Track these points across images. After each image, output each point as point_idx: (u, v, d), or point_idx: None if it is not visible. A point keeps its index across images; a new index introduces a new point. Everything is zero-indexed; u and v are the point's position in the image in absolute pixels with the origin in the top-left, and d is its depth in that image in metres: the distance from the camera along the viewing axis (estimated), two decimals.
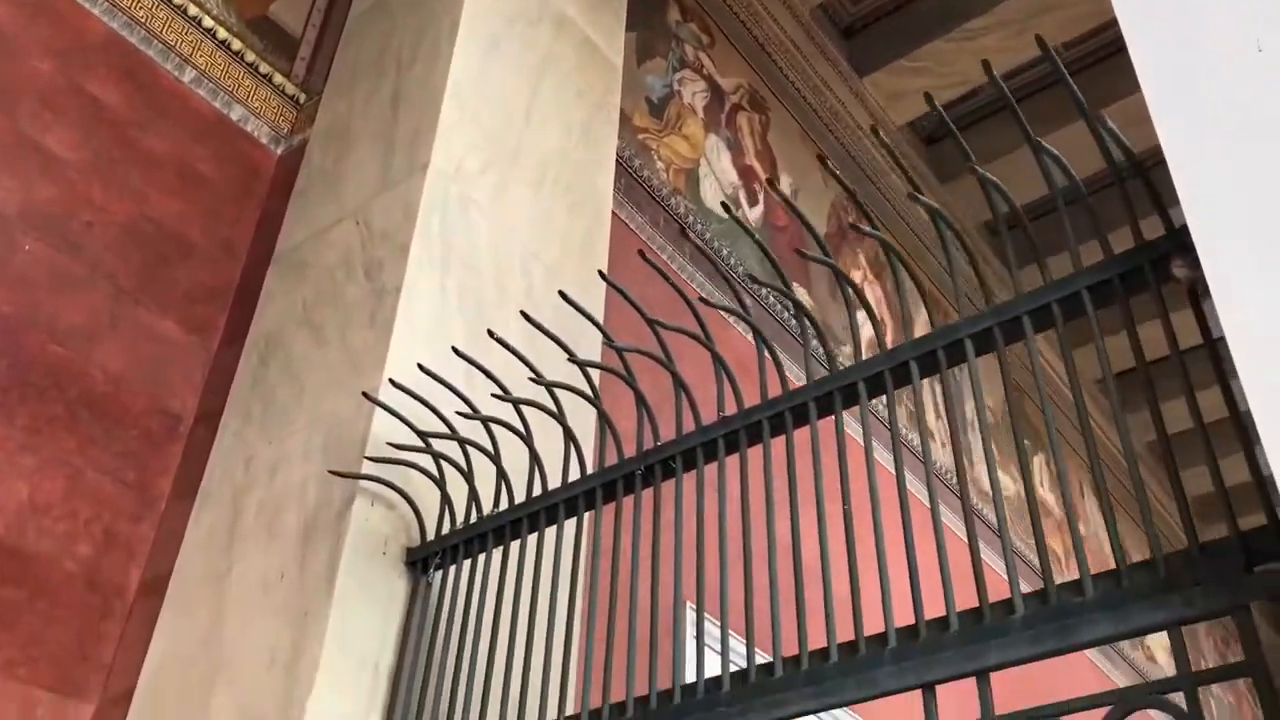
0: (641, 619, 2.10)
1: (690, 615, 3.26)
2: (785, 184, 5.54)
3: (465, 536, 2.52)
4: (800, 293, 5.34)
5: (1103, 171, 1.82)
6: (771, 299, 4.89)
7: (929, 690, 1.65)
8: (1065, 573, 6.68)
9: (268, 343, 3.28)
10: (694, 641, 1.98)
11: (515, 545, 2.44)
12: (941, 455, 6.30)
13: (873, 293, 5.93)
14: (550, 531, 2.42)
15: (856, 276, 5.85)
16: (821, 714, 1.79)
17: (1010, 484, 6.81)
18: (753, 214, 5.08)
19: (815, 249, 2.11)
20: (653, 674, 1.99)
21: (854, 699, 1.71)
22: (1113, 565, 1.55)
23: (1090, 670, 6.51)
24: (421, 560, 2.58)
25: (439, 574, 2.55)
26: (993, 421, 6.78)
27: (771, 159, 5.43)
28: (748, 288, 4.42)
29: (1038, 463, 7.73)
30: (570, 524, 2.39)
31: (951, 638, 1.66)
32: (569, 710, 2.09)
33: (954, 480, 5.90)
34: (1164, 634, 1.51)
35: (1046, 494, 7.40)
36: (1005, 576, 1.66)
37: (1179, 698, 1.43)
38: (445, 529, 2.59)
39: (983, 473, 6.60)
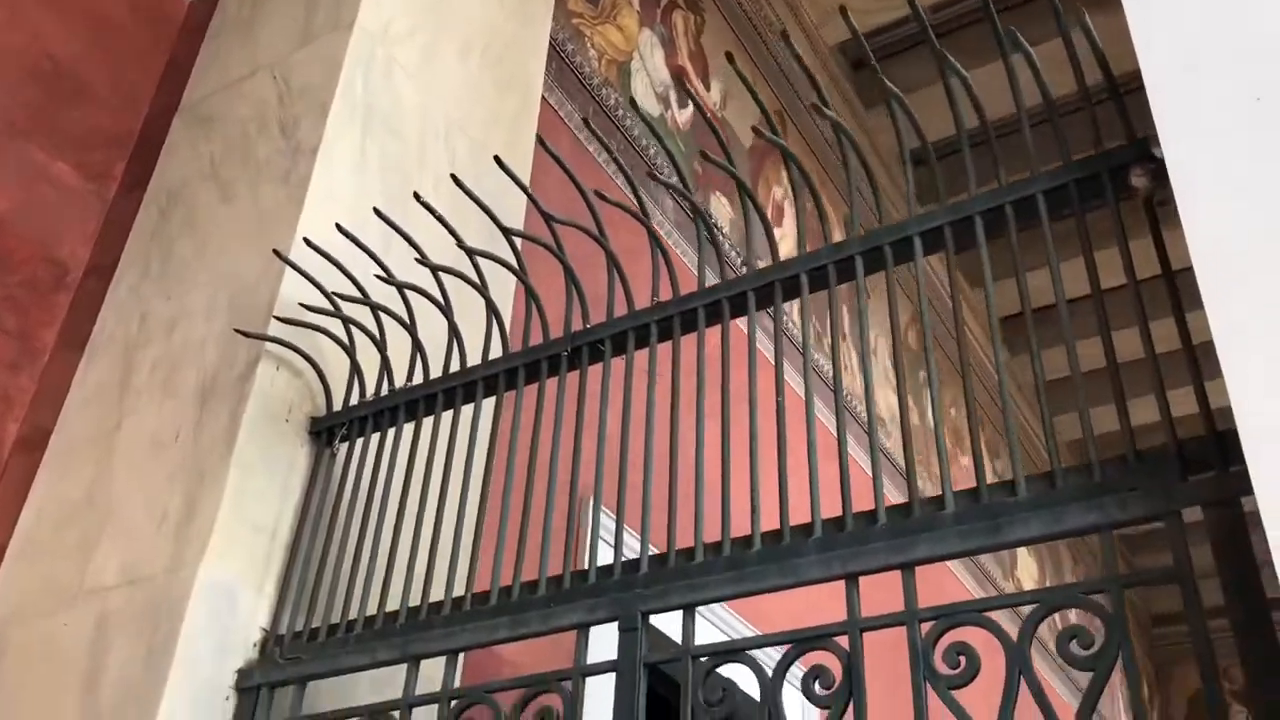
0: (560, 504, 2.05)
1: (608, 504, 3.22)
2: (716, 89, 5.43)
3: (375, 409, 2.42)
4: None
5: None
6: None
7: (852, 581, 1.64)
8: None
9: (170, 196, 3.08)
10: (614, 525, 1.93)
11: (428, 422, 2.35)
12: (883, 355, 6.39)
13: (792, 209, 5.90)
14: (466, 411, 2.34)
15: (778, 192, 5.81)
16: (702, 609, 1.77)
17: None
18: (682, 116, 4.97)
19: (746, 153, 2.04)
20: (567, 556, 1.94)
21: (775, 586, 1.69)
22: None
23: (958, 587, 6.68)
24: (327, 430, 2.48)
25: (345, 446, 2.45)
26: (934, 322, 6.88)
27: (704, 62, 5.31)
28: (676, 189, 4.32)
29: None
30: (489, 404, 2.31)
31: (879, 531, 1.65)
32: (476, 589, 2.03)
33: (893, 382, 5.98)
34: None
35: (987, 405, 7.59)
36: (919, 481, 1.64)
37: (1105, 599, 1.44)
38: (354, 400, 2.49)
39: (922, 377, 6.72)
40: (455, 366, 2.38)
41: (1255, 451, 1.25)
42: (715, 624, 3.98)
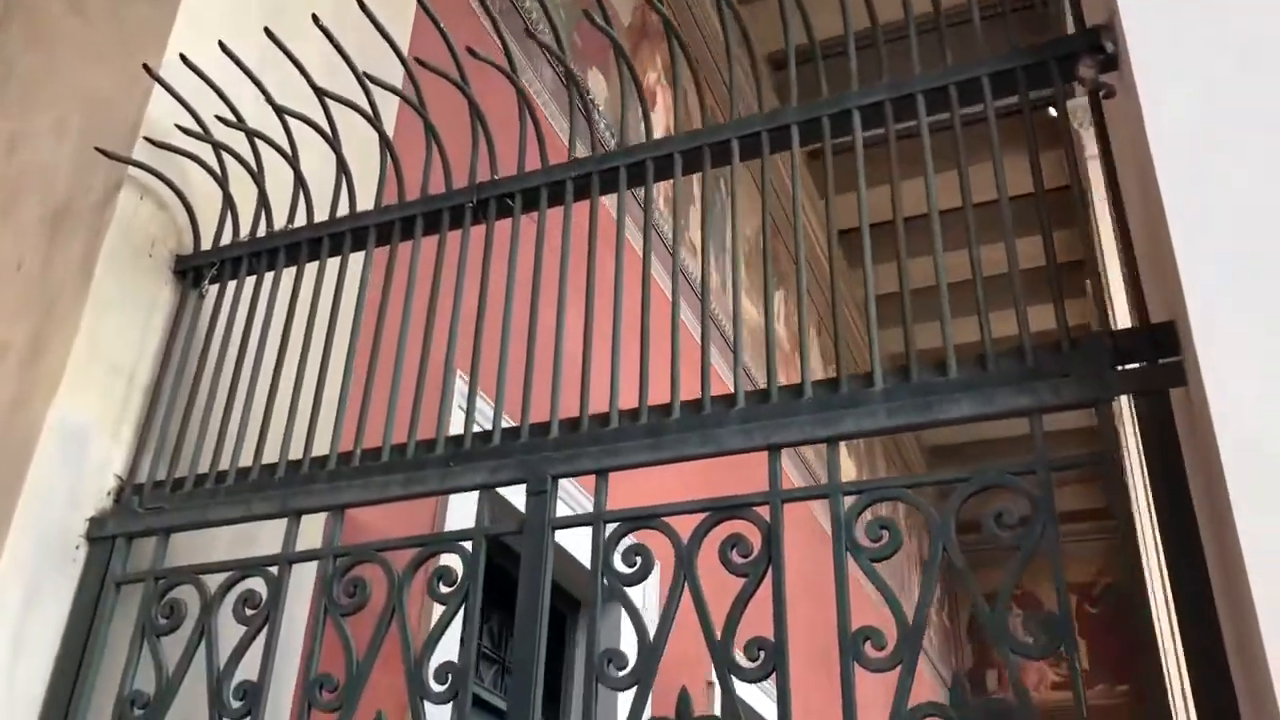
0: (461, 364, 1.95)
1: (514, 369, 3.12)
2: None
3: (251, 250, 2.24)
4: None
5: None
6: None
7: (775, 452, 1.61)
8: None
9: (6, 5, 2.74)
10: (522, 388, 1.85)
11: (312, 269, 2.19)
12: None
13: (666, 98, 5.79)
14: (348, 261, 2.18)
15: (652, 77, 5.68)
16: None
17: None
18: None
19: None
20: (469, 415, 1.85)
21: (696, 454, 1.65)
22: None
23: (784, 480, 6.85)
24: (194, 270, 2.28)
25: (215, 288, 2.26)
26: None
27: None
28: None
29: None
30: (379, 254, 2.16)
31: (805, 404, 1.62)
32: (366, 445, 1.92)
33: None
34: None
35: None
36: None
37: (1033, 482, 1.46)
38: (226, 239, 2.29)
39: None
40: (344, 211, 2.22)
41: (1205, 337, 1.26)
42: (563, 499, 3.91)
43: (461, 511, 3.12)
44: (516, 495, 1.74)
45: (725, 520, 1.60)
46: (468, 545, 1.72)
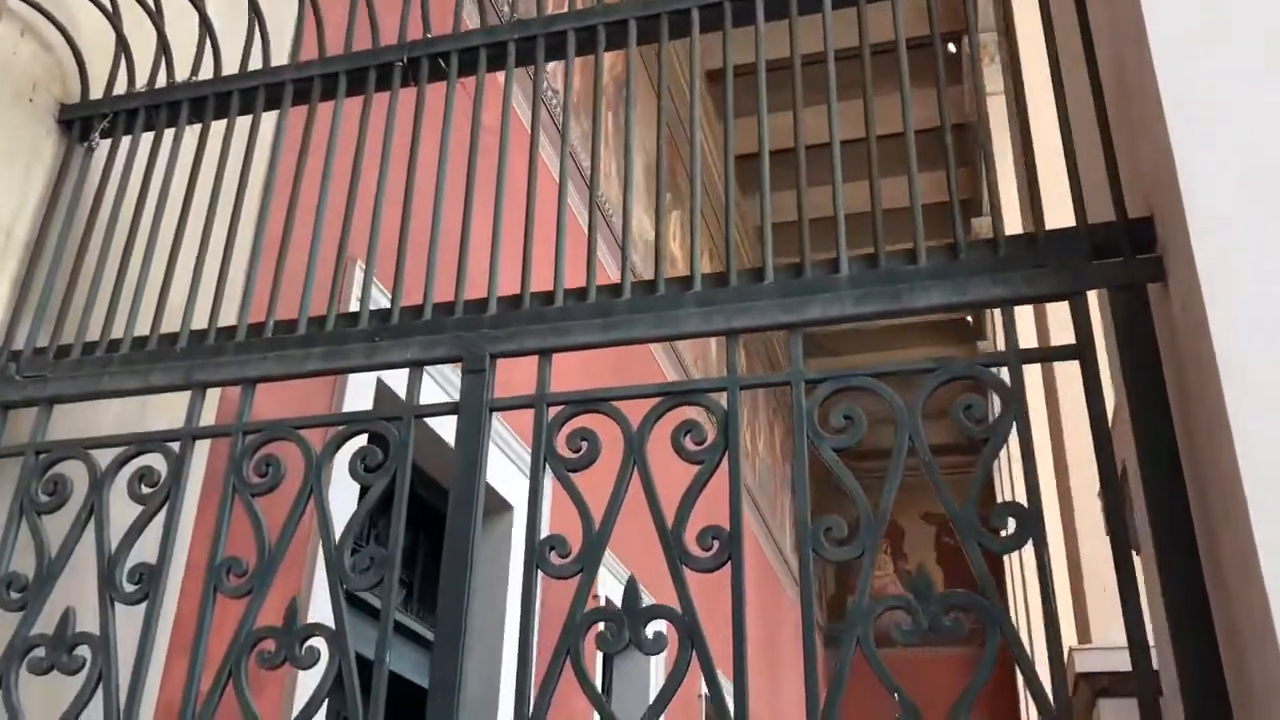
0: (387, 236, 1.80)
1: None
2: None
3: (149, 103, 2.03)
4: None
5: None
6: None
7: (734, 337, 1.53)
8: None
9: None
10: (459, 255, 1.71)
11: (219, 127, 1.99)
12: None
13: None
14: (260, 121, 2.00)
15: None
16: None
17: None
18: None
19: None
20: (397, 288, 1.71)
21: (650, 337, 1.56)
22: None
23: (656, 369, 6.72)
24: (83, 121, 2.05)
25: (106, 142, 2.04)
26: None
27: None
28: None
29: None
30: (296, 114, 1.98)
31: (767, 288, 1.54)
32: (280, 315, 1.76)
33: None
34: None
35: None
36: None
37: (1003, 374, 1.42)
38: (121, 89, 2.07)
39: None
40: (257, 64, 2.02)
41: (1201, 228, 1.22)
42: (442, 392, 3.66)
43: (359, 396, 2.96)
44: (398, 381, 1.61)
45: (677, 407, 1.52)
46: (396, 426, 1.60)
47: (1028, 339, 6.76)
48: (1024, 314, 7.11)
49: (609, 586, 5.48)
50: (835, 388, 1.46)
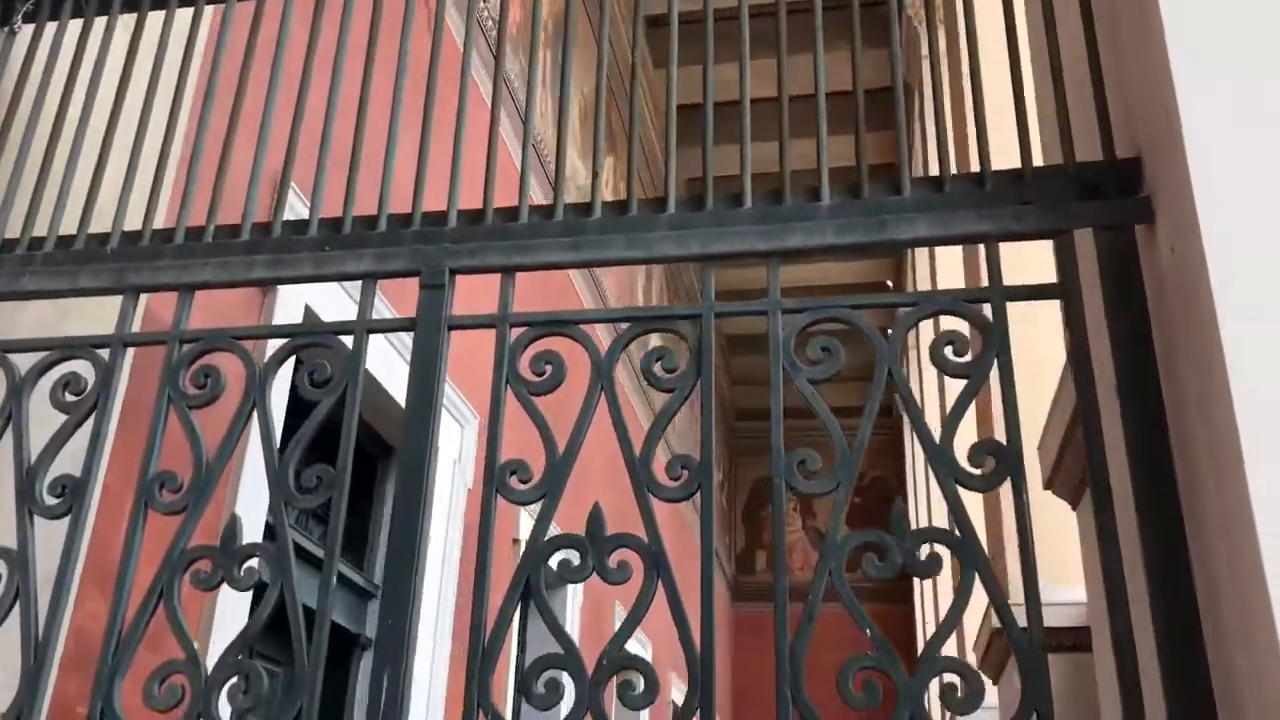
0: (340, 137, 1.69)
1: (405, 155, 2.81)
2: None
3: None
4: None
5: None
6: None
7: (710, 263, 1.47)
8: None
9: None
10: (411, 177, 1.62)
11: (157, 17, 1.86)
12: None
13: None
14: (203, 11, 1.86)
15: None
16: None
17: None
18: None
19: None
20: (349, 194, 1.62)
21: (623, 258, 1.49)
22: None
23: (574, 298, 6.61)
24: (4, 2, 1.90)
25: (30, 27, 1.89)
26: None
27: None
28: None
29: None
30: (243, 10, 1.85)
31: (745, 214, 1.48)
32: (221, 220, 1.65)
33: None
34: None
35: None
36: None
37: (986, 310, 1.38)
38: None
39: None
40: None
41: (1201, 167, 1.20)
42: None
43: (288, 309, 2.82)
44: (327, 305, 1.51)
45: (647, 333, 1.46)
46: (346, 339, 1.51)
47: (954, 279, 6.78)
48: (950, 255, 7.17)
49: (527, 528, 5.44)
50: (814, 318, 1.41)
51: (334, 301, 3.03)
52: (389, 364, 3.77)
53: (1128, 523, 1.24)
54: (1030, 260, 1.82)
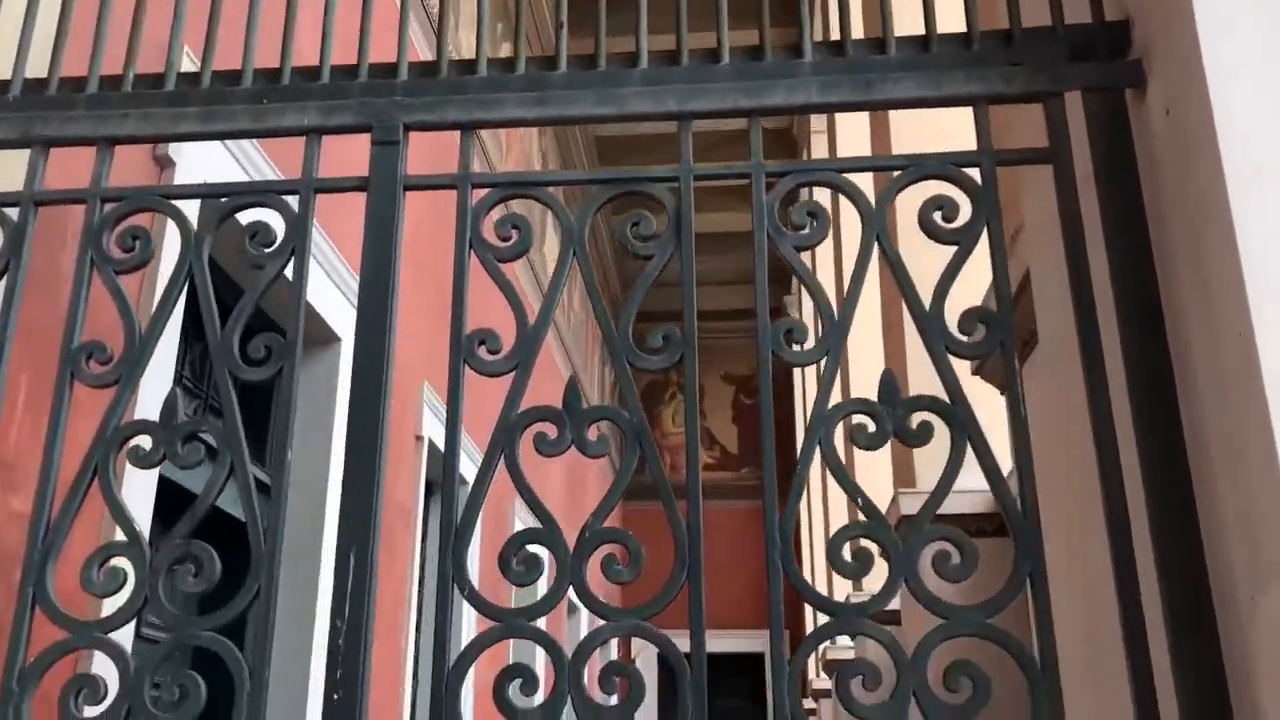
0: None
1: None
2: None
3: None
4: None
5: None
6: None
7: (687, 121, 1.39)
8: None
9: None
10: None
11: None
12: None
13: None
14: None
15: None
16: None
17: None
18: None
19: None
20: (287, 38, 1.47)
21: (592, 115, 1.40)
22: None
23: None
24: None
25: None
26: None
27: None
28: None
29: None
30: None
31: (723, 70, 1.40)
32: (141, 68, 1.49)
33: None
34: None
35: None
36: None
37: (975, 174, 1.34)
38: None
39: None
40: None
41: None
42: (239, 161, 3.01)
43: (192, 168, 2.60)
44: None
45: (621, 196, 1.38)
46: (291, 200, 1.39)
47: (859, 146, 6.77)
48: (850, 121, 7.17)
49: (432, 428, 5.32)
50: (799, 181, 1.35)
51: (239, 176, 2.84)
52: (326, 294, 3.59)
53: (1120, 398, 1.23)
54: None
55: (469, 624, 4.89)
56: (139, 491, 2.39)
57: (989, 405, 2.59)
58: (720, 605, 12.04)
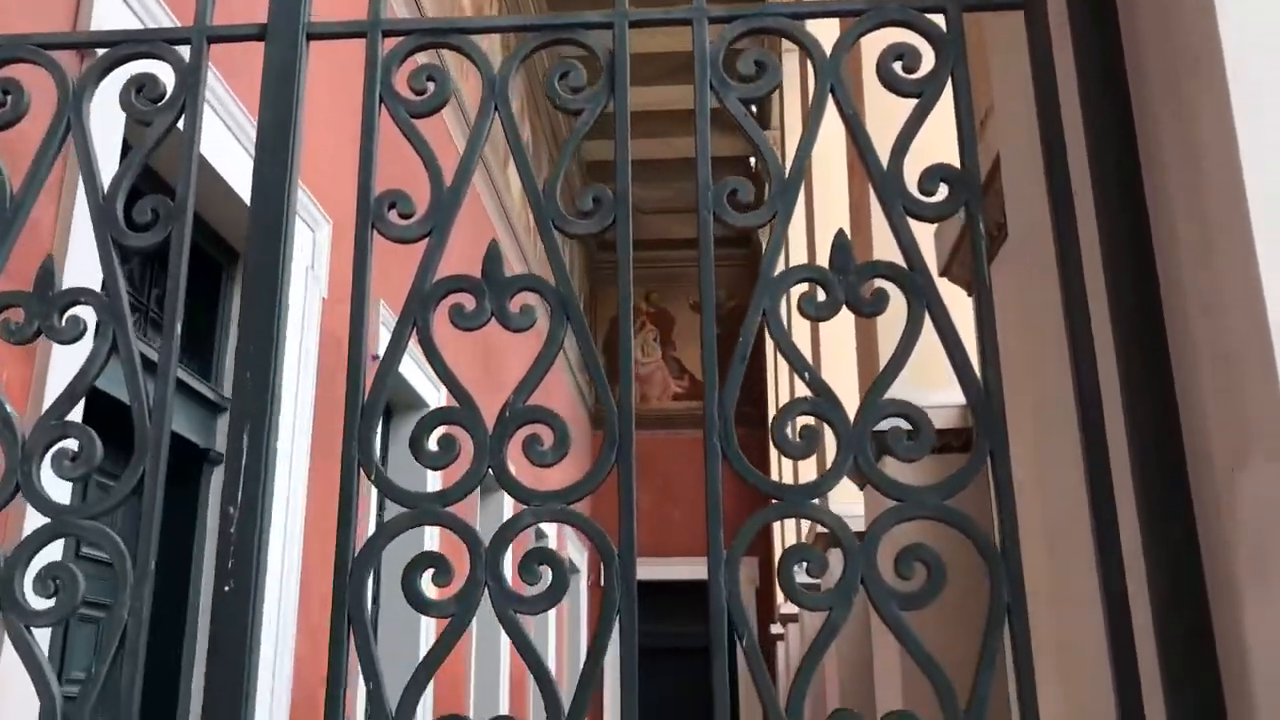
0: None
1: None
2: None
3: None
4: None
5: None
6: None
7: None
8: None
9: None
10: None
11: None
12: None
13: None
14: None
15: None
16: None
17: None
18: None
19: None
20: None
21: None
22: None
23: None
24: None
25: None
26: None
27: None
28: None
29: None
30: None
31: None
32: None
33: None
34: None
35: None
36: None
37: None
38: None
39: None
40: None
41: None
42: (136, 14, 2.72)
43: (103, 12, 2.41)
44: None
45: (549, 46, 1.25)
46: (183, 50, 1.24)
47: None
48: None
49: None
50: (745, 28, 1.22)
51: None
52: (232, 156, 3.41)
53: (1095, 278, 1.12)
54: None
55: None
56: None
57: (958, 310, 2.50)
58: (684, 534, 12.04)
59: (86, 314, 1.18)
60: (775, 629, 10.77)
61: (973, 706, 0.98)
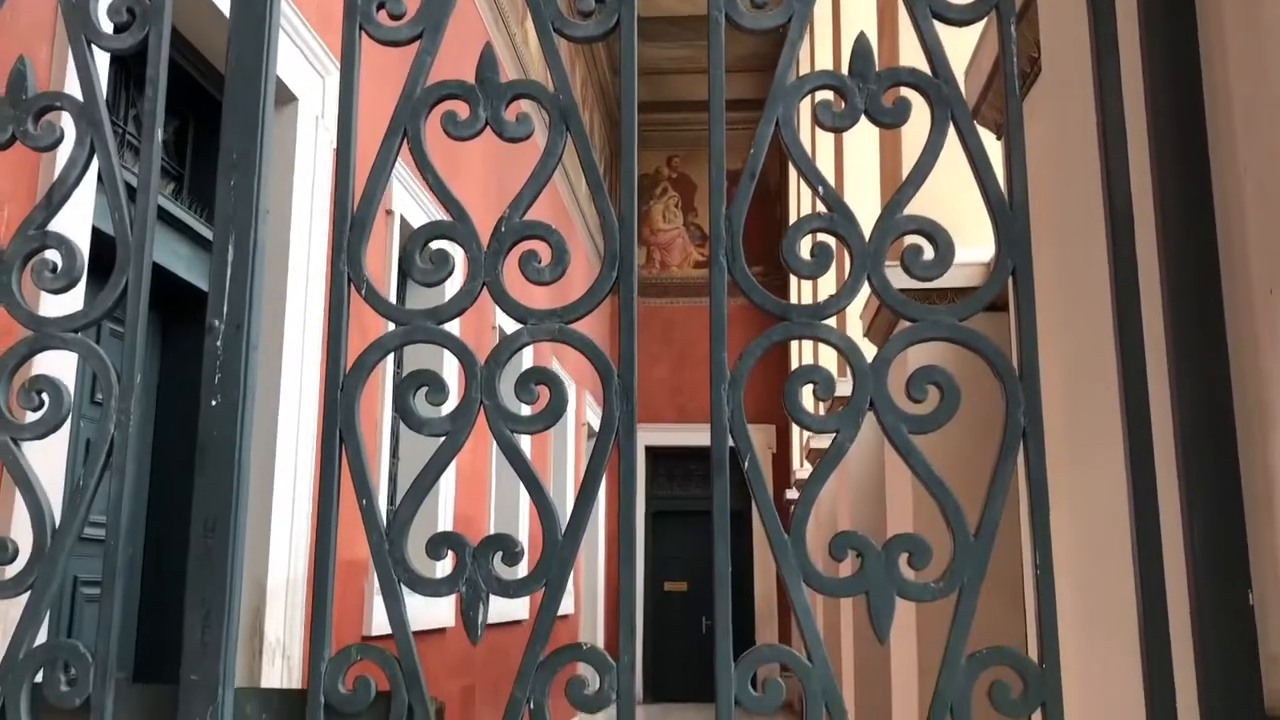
0: None
1: None
2: None
3: None
4: None
5: None
6: None
7: None
8: None
9: None
10: None
11: None
12: None
13: None
14: None
15: None
16: None
17: None
18: None
19: None
20: None
21: None
22: None
23: None
24: None
25: None
26: None
27: None
28: None
29: None
30: None
31: None
32: None
33: None
34: None
35: None
36: None
37: None
38: None
39: None
40: None
41: None
42: None
43: None
44: None
45: None
46: None
47: None
48: None
49: (403, 203, 5.09)
50: None
51: None
52: None
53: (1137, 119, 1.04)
54: None
55: None
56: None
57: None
58: (703, 400, 12.07)
59: (66, 124, 1.12)
60: (790, 494, 10.89)
61: (982, 530, 0.95)
